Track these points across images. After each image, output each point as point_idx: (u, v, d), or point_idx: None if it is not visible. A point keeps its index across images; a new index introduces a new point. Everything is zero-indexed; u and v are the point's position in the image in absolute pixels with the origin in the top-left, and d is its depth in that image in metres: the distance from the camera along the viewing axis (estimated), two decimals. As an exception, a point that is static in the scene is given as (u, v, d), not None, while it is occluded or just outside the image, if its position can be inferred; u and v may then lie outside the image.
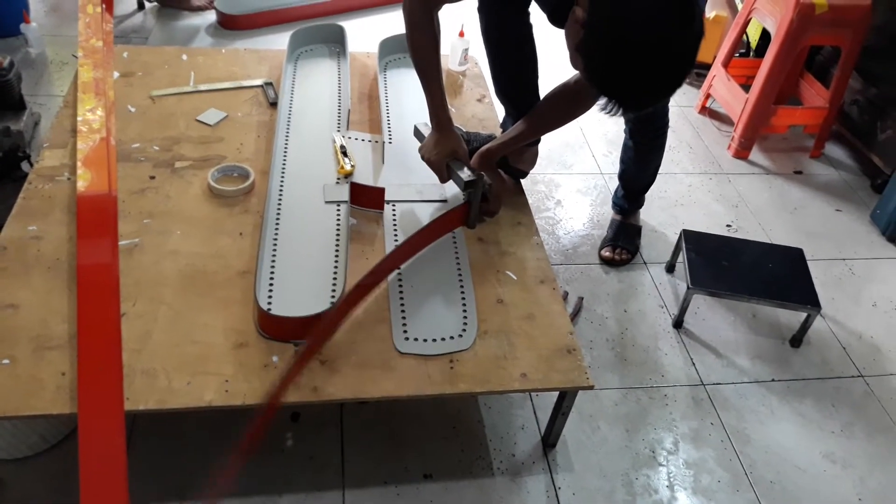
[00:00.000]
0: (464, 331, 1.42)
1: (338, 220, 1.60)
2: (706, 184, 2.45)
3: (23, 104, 2.13)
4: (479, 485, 1.47)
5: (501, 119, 2.01)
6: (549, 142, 2.45)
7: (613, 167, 2.33)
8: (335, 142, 1.79)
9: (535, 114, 1.67)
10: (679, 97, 2.89)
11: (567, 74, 1.59)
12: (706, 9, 2.04)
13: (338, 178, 1.71)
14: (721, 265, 1.89)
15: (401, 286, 1.50)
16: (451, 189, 1.71)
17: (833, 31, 2.43)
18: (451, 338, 1.40)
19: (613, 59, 1.12)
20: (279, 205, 1.62)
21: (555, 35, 1.35)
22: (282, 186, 1.67)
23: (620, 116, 1.21)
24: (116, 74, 1.98)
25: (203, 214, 1.59)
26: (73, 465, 1.11)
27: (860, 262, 2.20)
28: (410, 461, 1.48)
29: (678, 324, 1.89)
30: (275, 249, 1.51)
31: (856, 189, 2.52)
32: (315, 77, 2.07)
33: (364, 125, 1.94)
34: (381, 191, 1.66)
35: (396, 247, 1.51)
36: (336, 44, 2.22)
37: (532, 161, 1.86)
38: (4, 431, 1.35)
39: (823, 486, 1.57)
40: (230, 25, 2.94)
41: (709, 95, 2.81)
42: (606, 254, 2.06)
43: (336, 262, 1.50)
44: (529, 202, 1.79)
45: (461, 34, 2.18)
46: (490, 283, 1.54)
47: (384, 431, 1.53)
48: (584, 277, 2.01)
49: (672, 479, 1.54)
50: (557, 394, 1.46)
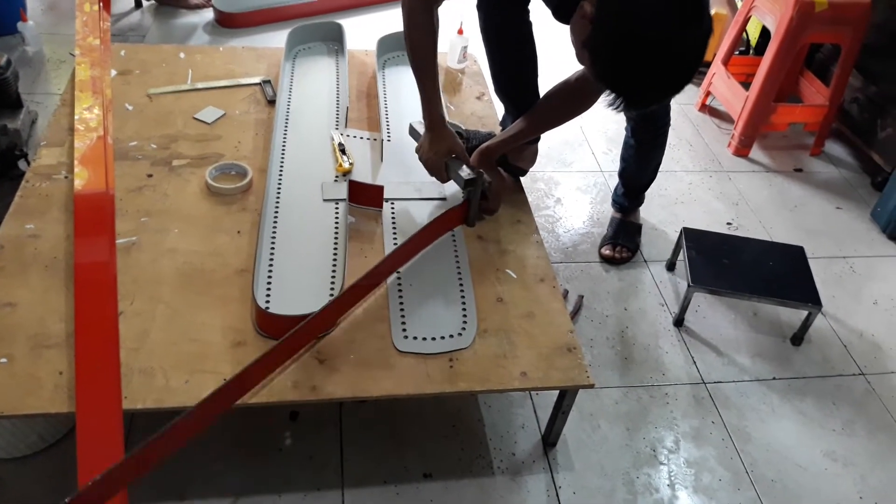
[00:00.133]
0: (463, 329, 1.41)
1: (336, 219, 1.59)
2: (706, 181, 2.44)
3: (20, 102, 2.12)
4: (480, 484, 1.46)
5: (501, 117, 2.01)
6: (549, 140, 2.45)
7: (613, 165, 2.32)
8: (333, 140, 1.79)
9: (535, 112, 1.66)
10: (679, 95, 2.86)
11: (567, 72, 1.58)
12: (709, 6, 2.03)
13: (336, 176, 1.70)
14: (721, 263, 1.89)
15: (400, 285, 1.49)
16: (451, 187, 1.70)
17: (833, 29, 2.43)
18: (451, 336, 1.39)
19: (621, 56, 1.11)
20: (277, 203, 1.61)
21: (554, 33, 1.34)
22: (280, 184, 1.66)
23: (626, 112, 1.20)
24: (114, 73, 1.98)
25: (201, 213, 1.59)
26: (72, 465, 1.11)
27: (861, 260, 2.19)
28: (410, 460, 1.48)
29: (679, 322, 1.89)
30: (273, 248, 1.50)
31: (856, 187, 2.52)
32: (313, 75, 2.07)
33: (362, 123, 1.93)
34: (380, 189, 1.65)
35: (396, 248, 1.50)
36: (334, 41, 2.22)
37: (532, 159, 1.85)
38: (2, 430, 1.35)
39: (824, 485, 1.57)
40: (228, 23, 2.93)
41: (709, 93, 2.80)
42: (606, 252, 2.06)
43: (334, 261, 1.49)
44: (529, 200, 1.79)
45: (460, 31, 2.17)
46: (490, 282, 1.53)
47: (384, 430, 1.53)
48: (584, 276, 2.00)
49: (673, 478, 1.54)
50: (558, 392, 1.46)
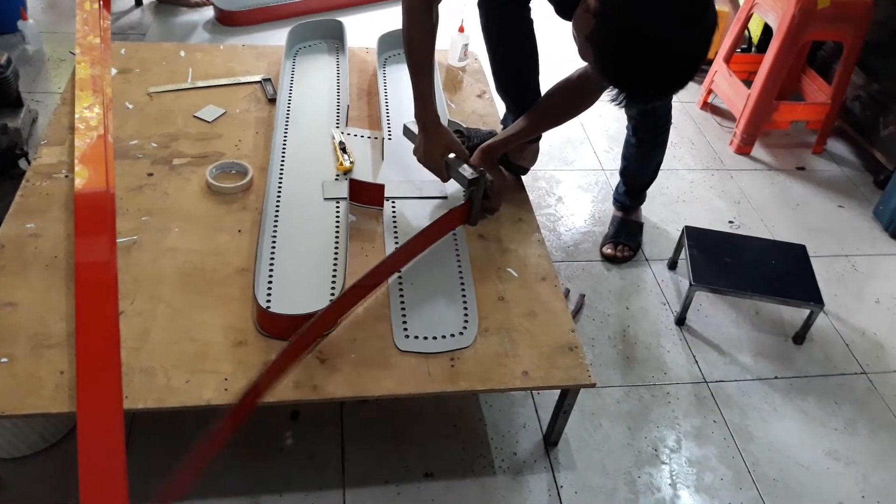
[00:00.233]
0: (464, 328, 1.41)
1: (337, 217, 1.59)
2: (708, 180, 2.44)
3: (20, 101, 2.12)
4: (481, 483, 1.46)
5: (502, 115, 2.00)
6: (550, 138, 2.44)
7: (615, 163, 2.32)
8: (334, 138, 1.78)
9: (537, 110, 1.65)
10: (681, 93, 2.82)
11: (568, 70, 1.58)
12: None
13: (337, 175, 1.70)
14: (723, 262, 1.88)
15: (401, 284, 1.49)
16: (451, 185, 1.69)
17: (835, 27, 2.42)
18: (452, 335, 1.39)
19: (625, 51, 1.10)
20: (278, 202, 1.61)
21: (556, 31, 1.34)
22: (280, 183, 1.66)
23: (627, 110, 1.19)
24: (114, 71, 1.97)
25: (201, 211, 1.58)
26: (73, 464, 1.10)
27: (863, 259, 2.19)
28: (411, 460, 1.48)
29: (680, 321, 1.88)
30: (273, 247, 1.50)
31: (858, 185, 2.51)
32: (314, 73, 2.06)
33: (363, 121, 1.93)
34: (381, 187, 1.65)
35: (398, 248, 1.49)
36: (335, 39, 2.21)
37: (533, 158, 1.85)
38: (3, 430, 1.35)
39: (826, 484, 1.56)
40: (228, 21, 2.93)
41: (710, 91, 2.79)
42: (608, 251, 2.05)
43: (335, 260, 1.49)
44: (530, 199, 1.78)
45: (461, 29, 2.16)
46: (491, 281, 1.53)
47: (385, 430, 1.52)
48: (586, 274, 2.00)
49: (675, 477, 1.53)
50: (559, 392, 1.45)
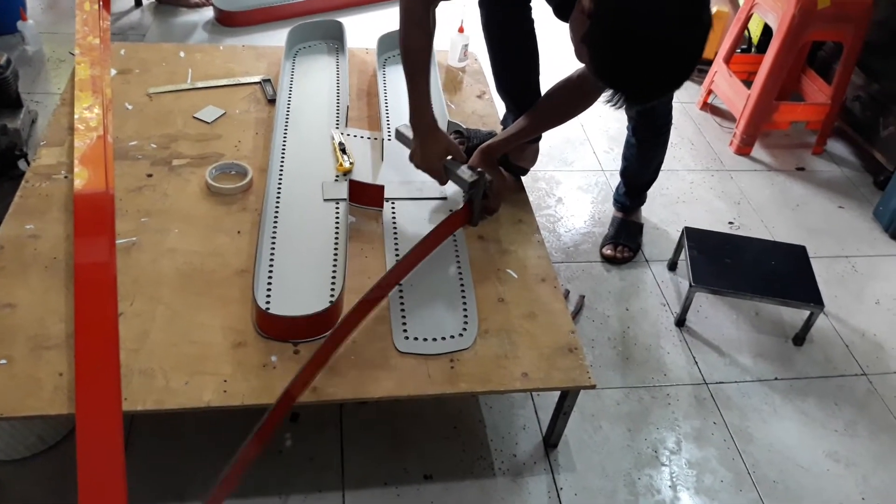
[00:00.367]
0: (464, 330, 1.41)
1: (337, 218, 1.59)
2: (708, 180, 2.44)
3: (20, 102, 2.12)
4: (481, 485, 1.46)
5: (502, 116, 2.00)
6: (550, 139, 2.44)
7: (615, 164, 2.31)
8: (334, 139, 1.78)
9: (537, 110, 1.65)
10: (680, 93, 2.85)
11: (568, 71, 1.58)
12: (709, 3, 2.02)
13: (336, 176, 1.70)
14: (723, 263, 1.88)
15: (400, 285, 1.48)
16: (451, 186, 1.69)
17: (835, 27, 2.42)
18: (452, 337, 1.39)
19: (620, 51, 1.10)
20: (277, 203, 1.60)
21: (556, 31, 1.34)
22: (280, 184, 1.65)
23: (625, 109, 1.19)
24: (113, 72, 1.97)
25: (201, 213, 1.58)
26: (72, 466, 1.10)
27: (863, 260, 2.19)
28: (411, 462, 1.47)
29: (680, 322, 1.88)
30: (273, 248, 1.50)
31: (858, 186, 2.51)
32: (313, 74, 2.06)
33: (363, 122, 1.93)
34: (381, 188, 1.64)
35: (400, 259, 1.47)
36: (335, 40, 2.21)
37: (533, 158, 1.84)
38: (2, 432, 1.34)
39: (826, 485, 1.56)
40: (228, 22, 2.93)
41: (710, 91, 2.79)
42: (608, 251, 2.05)
43: (335, 261, 1.49)
44: (530, 200, 1.78)
45: (461, 30, 2.16)
46: (490, 282, 1.52)
47: (384, 432, 1.52)
48: (586, 275, 2.00)
49: (675, 479, 1.53)
50: (559, 393, 1.45)
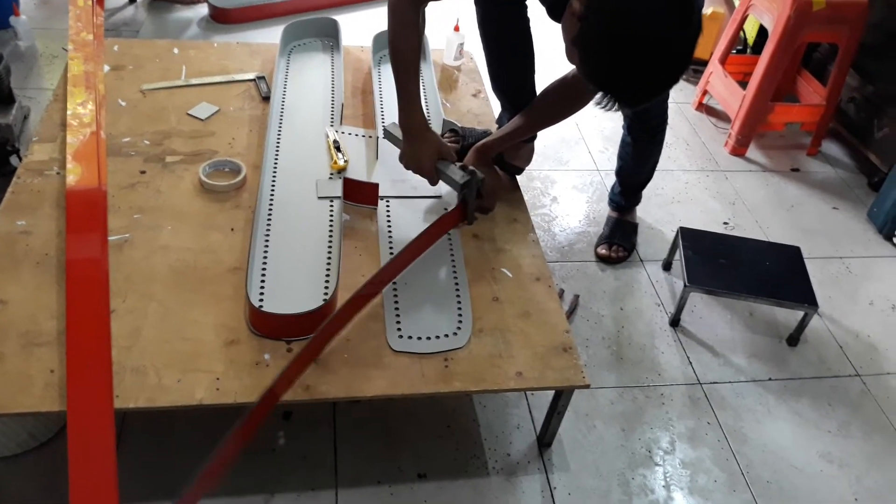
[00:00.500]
0: (458, 329, 1.40)
1: (331, 216, 1.58)
2: (703, 181, 2.44)
3: (12, 98, 2.10)
4: (474, 484, 1.45)
5: (497, 115, 2.00)
6: (546, 138, 2.44)
7: (610, 164, 2.31)
8: (328, 137, 1.77)
9: (532, 110, 1.65)
10: (676, 94, 2.87)
11: (564, 70, 1.57)
12: (703, 5, 2.02)
13: (331, 174, 1.69)
14: (718, 263, 1.88)
15: (395, 284, 1.48)
16: (445, 185, 1.69)
17: (830, 28, 2.42)
18: (446, 336, 1.38)
19: (610, 54, 1.10)
20: (271, 200, 1.60)
21: (552, 30, 1.33)
22: (274, 182, 1.65)
23: (616, 111, 1.19)
24: (107, 68, 1.96)
25: (194, 210, 1.57)
26: (63, 464, 1.09)
27: (857, 261, 2.19)
28: (404, 460, 1.47)
29: (675, 322, 1.88)
30: (266, 245, 1.49)
31: (852, 187, 2.52)
32: (308, 71, 2.05)
33: (357, 120, 1.92)
34: (375, 186, 1.64)
35: (393, 257, 1.47)
36: (329, 38, 2.20)
37: (528, 157, 1.84)
38: (-8, 429, 1.33)
39: (820, 486, 1.56)
40: (222, 19, 2.92)
41: (706, 92, 2.80)
42: (603, 251, 2.05)
43: (329, 259, 1.48)
44: (525, 199, 1.78)
45: (456, 28, 2.16)
46: (485, 281, 1.52)
47: (378, 430, 1.52)
48: (581, 275, 2.00)
49: (668, 479, 1.53)
50: (553, 392, 1.45)
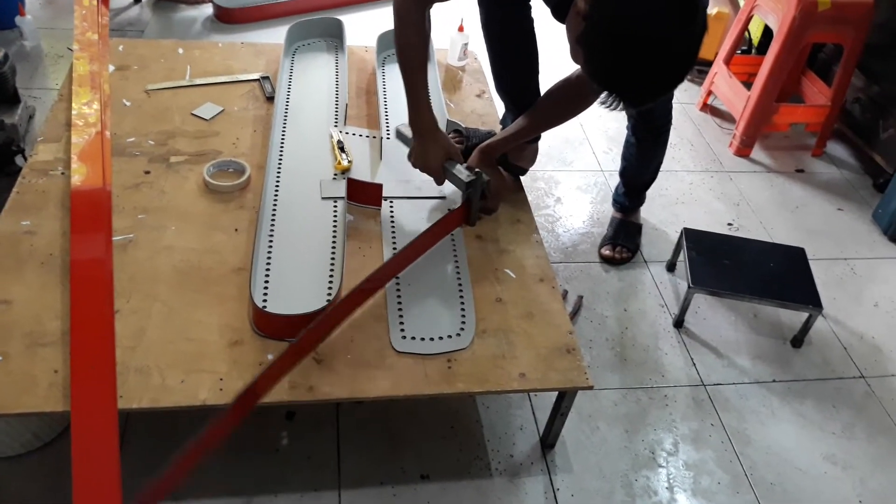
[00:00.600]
0: (462, 330, 1.40)
1: (334, 217, 1.58)
2: (707, 182, 2.43)
3: (17, 97, 2.11)
4: (477, 486, 1.45)
5: (501, 115, 2.00)
6: (550, 138, 2.44)
7: (614, 164, 2.31)
8: (332, 137, 1.78)
9: (536, 110, 1.65)
10: (680, 94, 2.87)
11: (567, 71, 1.57)
12: (708, 5, 2.02)
13: (335, 174, 1.69)
14: (722, 264, 1.88)
15: (398, 284, 1.48)
16: (449, 185, 1.68)
17: (835, 29, 2.41)
18: (449, 337, 1.38)
19: (615, 53, 1.10)
20: (275, 200, 1.60)
21: (556, 31, 1.33)
22: (278, 182, 1.65)
23: (620, 111, 1.19)
24: (112, 68, 1.96)
25: (198, 210, 1.57)
26: (67, 464, 1.10)
27: (862, 262, 2.18)
28: (407, 461, 1.47)
29: (679, 323, 1.88)
30: (270, 246, 1.49)
31: (857, 188, 2.51)
32: (312, 71, 2.05)
33: (362, 120, 1.92)
34: (379, 187, 1.64)
35: (396, 253, 1.48)
36: (334, 38, 2.20)
37: (532, 158, 1.84)
38: (-3, 429, 1.34)
39: (824, 488, 1.56)
40: (227, 19, 2.92)
41: (710, 92, 2.79)
42: (606, 252, 2.05)
43: (332, 260, 1.48)
44: (529, 199, 1.77)
45: (461, 28, 2.16)
46: (489, 282, 1.52)
47: (381, 431, 1.52)
48: (584, 276, 1.99)
49: (672, 481, 1.53)
50: (556, 394, 1.45)
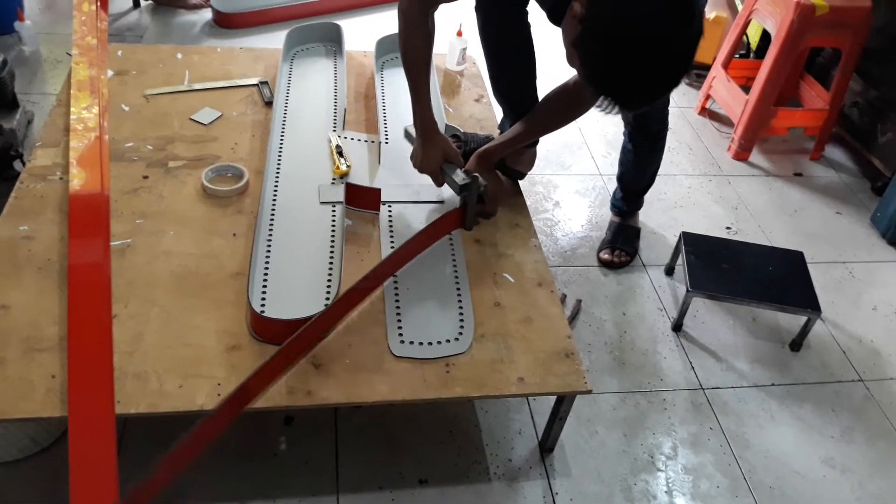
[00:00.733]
0: (460, 334, 1.40)
1: (333, 222, 1.58)
2: (706, 185, 2.43)
3: (16, 102, 2.11)
4: (476, 490, 1.45)
5: (499, 120, 2.00)
6: (548, 143, 2.43)
7: (612, 168, 2.31)
8: (331, 142, 1.78)
9: (534, 115, 1.65)
10: (679, 98, 2.87)
11: (565, 76, 1.57)
12: (706, 9, 2.02)
13: (333, 179, 1.69)
14: (721, 268, 1.88)
15: (396, 288, 1.48)
16: (448, 190, 1.69)
17: (833, 33, 2.42)
18: (448, 341, 1.38)
19: (610, 57, 1.10)
20: (273, 205, 1.60)
21: (554, 36, 1.34)
22: (276, 187, 1.65)
23: (616, 114, 1.19)
24: (110, 73, 1.97)
25: (196, 215, 1.57)
26: (65, 469, 1.09)
27: (860, 266, 2.19)
28: (406, 466, 1.47)
29: (677, 327, 1.88)
30: (269, 251, 1.49)
31: (856, 191, 2.51)
32: (311, 76, 2.06)
33: (360, 125, 1.92)
34: (377, 192, 1.64)
35: (392, 252, 1.49)
36: (332, 42, 2.21)
37: (530, 162, 1.84)
38: (-6, 434, 1.34)
39: (823, 492, 1.56)
40: (226, 24, 2.92)
41: (709, 96, 2.79)
42: (605, 256, 2.05)
43: (331, 264, 1.48)
44: (527, 203, 1.78)
45: (459, 33, 2.16)
46: (487, 286, 1.52)
47: (379, 436, 1.51)
48: (583, 280, 1.99)
49: (671, 485, 1.53)
50: (555, 398, 1.45)
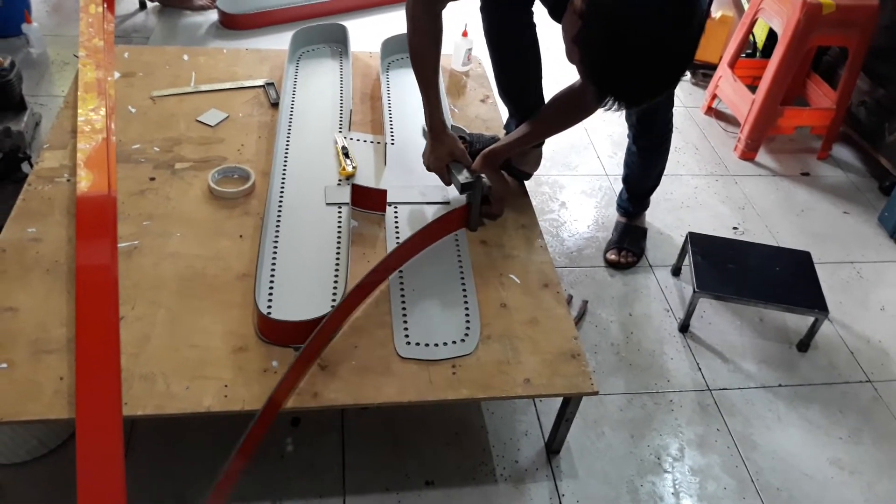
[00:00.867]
0: (466, 335, 1.40)
1: (339, 223, 1.58)
2: (712, 185, 2.43)
3: (23, 105, 2.12)
4: (482, 492, 1.45)
5: (505, 120, 2.00)
6: (554, 143, 2.43)
7: (618, 169, 2.30)
8: (337, 143, 1.78)
9: (540, 117, 1.65)
10: (685, 98, 2.87)
11: (571, 79, 1.57)
12: (712, 9, 2.02)
13: (339, 180, 1.69)
14: (727, 268, 1.87)
15: (402, 290, 1.48)
16: (454, 191, 1.69)
17: (840, 32, 2.41)
18: (454, 342, 1.38)
19: (610, 54, 1.10)
20: (280, 207, 1.60)
21: (558, 39, 1.33)
22: (283, 188, 1.65)
23: (619, 113, 1.19)
24: (117, 74, 1.97)
25: (203, 216, 1.58)
26: (72, 471, 1.10)
27: (868, 266, 2.18)
28: (412, 467, 1.47)
29: (684, 328, 1.87)
30: (275, 252, 1.49)
31: (863, 191, 2.50)
32: (317, 77, 2.06)
33: (366, 126, 1.92)
34: (383, 193, 1.64)
35: (395, 247, 1.49)
36: (338, 44, 2.21)
37: (536, 163, 1.84)
38: (2, 436, 1.34)
39: (830, 493, 1.55)
40: (232, 25, 2.93)
41: (715, 96, 2.78)
42: (611, 257, 2.04)
43: (337, 265, 1.48)
44: (533, 204, 1.77)
45: (464, 34, 2.16)
46: (493, 287, 1.52)
47: (385, 437, 1.51)
48: (589, 280, 1.99)
49: (678, 486, 1.52)
50: (561, 399, 1.44)
